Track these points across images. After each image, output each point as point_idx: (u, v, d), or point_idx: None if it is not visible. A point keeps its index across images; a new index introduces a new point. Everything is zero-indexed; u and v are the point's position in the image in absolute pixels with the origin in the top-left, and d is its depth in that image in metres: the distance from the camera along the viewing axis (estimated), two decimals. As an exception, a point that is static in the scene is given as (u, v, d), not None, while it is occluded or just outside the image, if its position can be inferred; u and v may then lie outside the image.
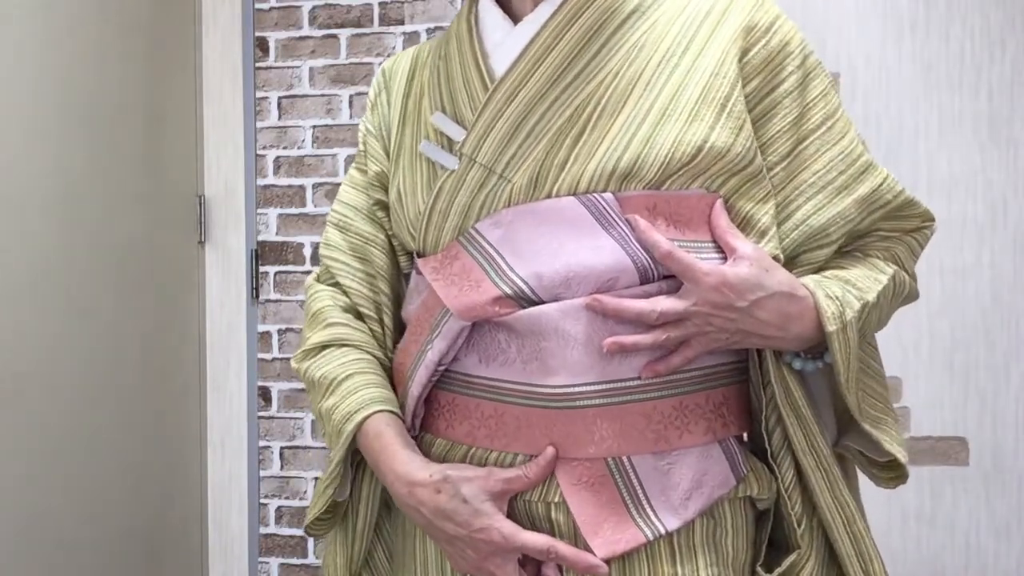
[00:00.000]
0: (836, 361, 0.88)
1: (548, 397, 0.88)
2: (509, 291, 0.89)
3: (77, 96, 1.77)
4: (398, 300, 1.07)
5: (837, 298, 0.88)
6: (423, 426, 1.00)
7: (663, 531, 0.87)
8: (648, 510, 0.87)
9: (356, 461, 1.03)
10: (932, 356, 2.02)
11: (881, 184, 0.96)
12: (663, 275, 0.89)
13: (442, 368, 0.96)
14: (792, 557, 0.92)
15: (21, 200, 1.62)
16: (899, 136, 2.04)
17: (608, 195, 0.89)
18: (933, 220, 1.00)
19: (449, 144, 0.97)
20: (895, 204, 0.97)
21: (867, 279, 0.94)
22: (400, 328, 1.06)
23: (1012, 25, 2.00)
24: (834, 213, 0.94)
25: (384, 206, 1.06)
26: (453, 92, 0.99)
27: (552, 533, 0.88)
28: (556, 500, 0.88)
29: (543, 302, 0.88)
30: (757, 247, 0.89)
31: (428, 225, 0.97)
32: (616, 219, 0.88)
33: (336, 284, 1.08)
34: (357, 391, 0.98)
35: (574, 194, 0.89)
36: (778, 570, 0.92)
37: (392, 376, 1.04)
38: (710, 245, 0.91)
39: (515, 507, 0.90)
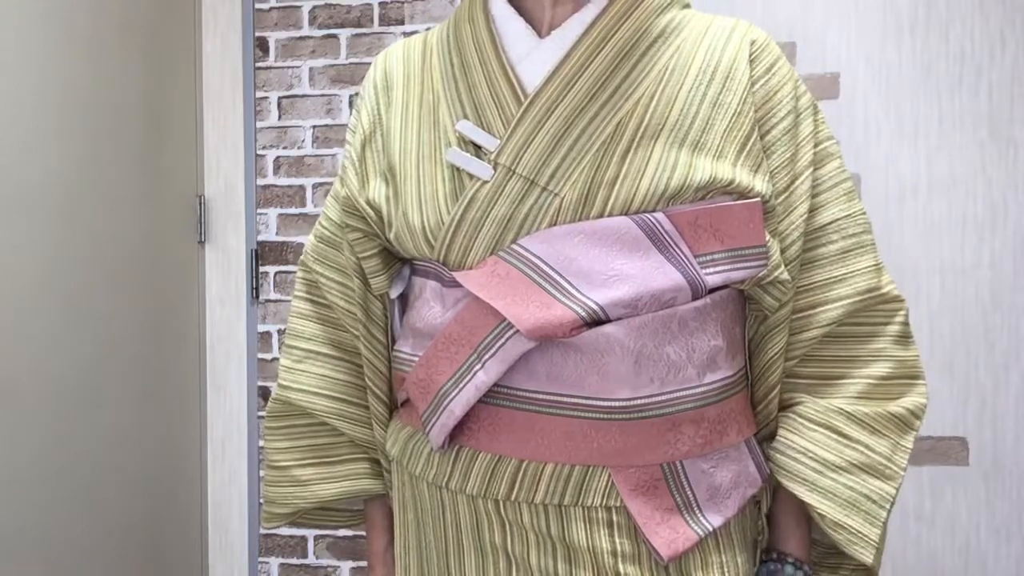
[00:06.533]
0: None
1: (610, 410, 0.92)
2: (584, 314, 0.91)
3: (77, 96, 1.77)
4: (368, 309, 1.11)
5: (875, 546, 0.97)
6: (453, 437, 0.99)
7: (710, 528, 0.94)
8: (696, 510, 0.94)
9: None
10: (932, 356, 2.02)
11: (840, 218, 1.01)
12: (711, 289, 0.95)
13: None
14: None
15: (21, 200, 1.62)
16: (899, 136, 2.04)
17: (660, 215, 0.92)
18: (886, 296, 1.03)
19: (476, 153, 0.97)
20: (857, 239, 1.01)
21: (886, 467, 0.98)
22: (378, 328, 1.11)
23: (1012, 25, 2.00)
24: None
25: (350, 228, 1.07)
26: (478, 101, 0.99)
27: (614, 534, 0.93)
28: (617, 504, 0.93)
29: (609, 320, 0.92)
30: None
31: (455, 234, 0.96)
32: (669, 240, 0.93)
33: (323, 300, 1.13)
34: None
35: (626, 213, 0.92)
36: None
37: (385, 381, 1.11)
38: (751, 251, 0.95)
39: (576, 513, 0.94)
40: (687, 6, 1.04)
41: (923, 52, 2.03)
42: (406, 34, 2.22)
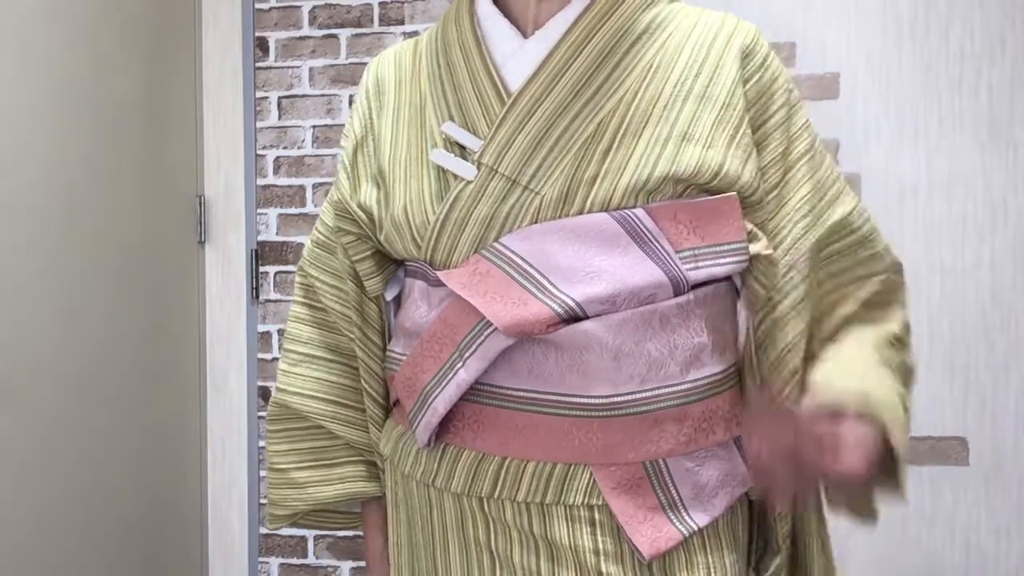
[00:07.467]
0: None
1: (590, 407, 0.92)
2: (561, 311, 0.91)
3: (77, 96, 1.78)
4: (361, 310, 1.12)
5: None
6: (440, 435, 0.99)
7: (695, 528, 0.93)
8: (681, 509, 0.93)
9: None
10: (932, 356, 2.02)
11: (851, 212, 1.02)
12: (693, 285, 0.94)
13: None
14: (777, 560, 1.01)
15: (22, 200, 1.62)
16: (899, 136, 2.04)
17: (640, 211, 0.92)
18: (902, 269, 1.06)
19: (461, 154, 0.98)
20: (863, 231, 1.03)
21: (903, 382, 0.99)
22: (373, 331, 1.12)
23: (1012, 25, 2.00)
24: (815, 239, 1.00)
25: (343, 232, 1.09)
26: (463, 102, 1.00)
27: (596, 533, 0.93)
28: (599, 503, 0.93)
29: (587, 317, 0.91)
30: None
31: (440, 234, 0.97)
32: (649, 235, 0.92)
33: (319, 303, 1.14)
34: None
35: (606, 210, 0.92)
36: (767, 574, 1.02)
37: (372, 382, 1.12)
38: (729, 247, 0.95)
39: (558, 512, 0.93)
40: None
41: (923, 52, 2.03)
42: (406, 34, 2.22)
